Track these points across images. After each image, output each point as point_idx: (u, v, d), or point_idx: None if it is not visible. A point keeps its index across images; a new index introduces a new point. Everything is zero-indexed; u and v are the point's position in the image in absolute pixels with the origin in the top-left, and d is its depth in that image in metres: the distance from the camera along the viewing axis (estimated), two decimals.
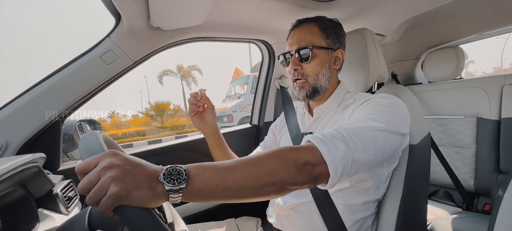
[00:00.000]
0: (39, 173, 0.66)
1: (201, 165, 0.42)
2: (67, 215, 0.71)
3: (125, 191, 0.35)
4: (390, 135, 0.60)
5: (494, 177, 1.37)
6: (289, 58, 0.80)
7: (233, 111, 6.95)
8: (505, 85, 1.38)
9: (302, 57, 0.77)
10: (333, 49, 0.80)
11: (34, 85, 0.84)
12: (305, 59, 0.77)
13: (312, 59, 0.77)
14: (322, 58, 0.78)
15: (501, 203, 0.43)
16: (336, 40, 0.80)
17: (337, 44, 0.81)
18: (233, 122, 6.81)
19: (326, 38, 0.79)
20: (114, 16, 0.84)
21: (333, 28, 0.81)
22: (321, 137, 0.52)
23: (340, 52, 0.82)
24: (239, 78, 8.76)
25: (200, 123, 0.90)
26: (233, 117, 6.84)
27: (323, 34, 0.78)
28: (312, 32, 0.78)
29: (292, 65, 0.79)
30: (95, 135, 0.48)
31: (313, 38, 0.77)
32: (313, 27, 0.79)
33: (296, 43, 0.78)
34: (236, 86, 8.46)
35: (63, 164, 0.96)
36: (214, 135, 0.93)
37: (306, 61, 0.77)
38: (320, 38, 0.78)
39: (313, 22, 0.80)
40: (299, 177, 0.47)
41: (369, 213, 0.74)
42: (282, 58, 0.83)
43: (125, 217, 0.36)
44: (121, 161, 0.37)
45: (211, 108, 0.91)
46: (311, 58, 0.77)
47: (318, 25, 0.79)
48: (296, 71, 0.79)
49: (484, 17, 1.39)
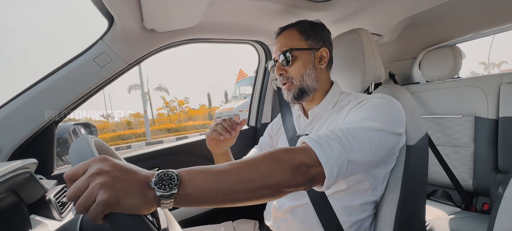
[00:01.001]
0: (31, 178, 0.65)
1: (193, 169, 0.42)
2: (60, 221, 0.69)
3: (115, 198, 0.34)
4: (385, 135, 0.60)
5: (493, 176, 1.36)
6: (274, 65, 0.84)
7: (240, 111, 7.39)
8: (503, 84, 1.38)
9: (284, 62, 0.80)
10: (316, 49, 0.81)
11: (26, 89, 0.83)
12: (287, 63, 0.80)
13: (293, 62, 0.79)
14: (304, 59, 0.80)
15: (501, 201, 0.43)
16: (317, 40, 0.82)
17: (319, 43, 0.82)
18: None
19: (305, 39, 0.81)
20: (106, 18, 0.83)
21: (313, 29, 0.82)
22: (316, 138, 0.52)
23: (324, 51, 0.82)
24: (244, 80, 9.18)
25: (215, 144, 0.87)
26: (240, 116, 7.15)
27: (302, 36, 0.81)
28: (292, 36, 0.81)
29: (277, 71, 0.82)
30: (86, 140, 0.47)
31: (293, 42, 0.80)
32: (292, 32, 0.82)
33: (279, 49, 0.82)
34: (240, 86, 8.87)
35: (57, 169, 0.95)
36: (225, 156, 0.92)
37: (288, 64, 0.80)
38: (300, 41, 0.80)
39: (292, 27, 0.83)
40: (294, 179, 0.46)
41: (367, 214, 0.74)
42: (271, 65, 0.86)
43: (115, 225, 0.35)
44: (110, 167, 0.36)
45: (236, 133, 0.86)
46: (293, 61, 0.79)
47: (297, 29, 0.82)
48: (281, 75, 0.82)
49: (480, 16, 1.39)
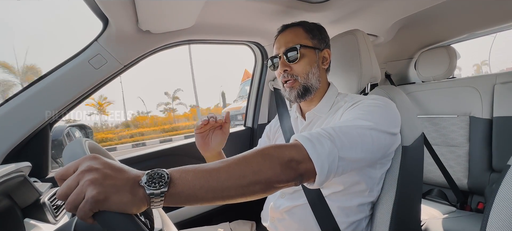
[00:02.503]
0: (25, 182, 0.64)
1: (184, 168, 0.42)
2: (55, 224, 0.69)
3: (104, 195, 0.34)
4: (378, 133, 0.60)
5: (487, 175, 1.38)
6: (277, 62, 0.81)
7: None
8: (497, 84, 1.39)
9: (291, 59, 0.78)
10: (320, 49, 0.82)
11: (20, 91, 0.82)
12: (293, 60, 0.78)
13: (301, 59, 0.78)
14: (310, 57, 0.79)
15: (494, 201, 0.43)
16: (321, 41, 0.82)
17: (323, 44, 0.83)
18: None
19: (312, 38, 0.80)
20: (101, 20, 0.82)
21: (318, 29, 0.83)
22: (307, 135, 0.52)
23: (327, 52, 0.83)
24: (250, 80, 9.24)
25: (203, 144, 0.80)
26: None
27: (309, 35, 0.80)
28: (298, 33, 0.80)
29: (282, 67, 0.80)
30: (79, 142, 0.46)
31: (300, 39, 0.79)
32: (298, 29, 0.81)
33: (284, 45, 0.79)
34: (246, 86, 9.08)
35: (52, 171, 0.94)
36: (217, 158, 0.84)
37: (295, 61, 0.78)
38: (306, 39, 0.80)
39: (298, 26, 0.82)
40: (284, 175, 0.46)
41: (364, 215, 0.74)
42: (270, 63, 0.84)
43: (104, 223, 0.34)
44: (101, 164, 0.36)
45: (224, 133, 0.81)
46: (300, 58, 0.78)
47: (303, 28, 0.81)
48: (285, 72, 0.80)
49: (475, 17, 1.40)
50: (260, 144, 1.03)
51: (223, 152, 0.87)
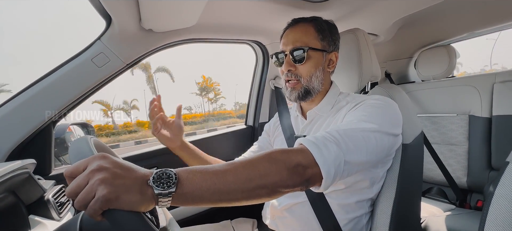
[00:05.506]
0: (29, 179, 0.65)
1: (191, 169, 0.42)
2: (59, 221, 0.70)
3: (114, 194, 0.35)
4: (382, 136, 0.61)
5: (486, 174, 1.39)
6: (282, 58, 0.78)
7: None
8: (496, 83, 1.40)
9: (296, 59, 0.76)
10: (328, 52, 0.79)
11: (23, 90, 0.82)
12: (299, 61, 0.75)
13: (306, 61, 0.75)
14: (316, 60, 0.77)
15: (492, 199, 0.44)
16: (331, 43, 0.79)
17: (332, 46, 0.80)
18: None
19: (321, 40, 0.77)
20: (104, 18, 0.83)
21: (329, 30, 0.79)
22: (313, 139, 0.52)
23: (334, 55, 0.81)
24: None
25: (165, 138, 0.86)
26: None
27: (319, 35, 0.77)
28: (308, 33, 0.76)
29: (286, 66, 0.77)
30: (85, 140, 0.47)
31: (309, 39, 0.76)
32: (309, 27, 0.77)
33: (291, 43, 0.76)
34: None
35: (55, 169, 0.94)
36: (184, 149, 0.88)
37: (300, 62, 0.75)
38: (316, 40, 0.76)
39: (309, 23, 0.78)
40: (291, 180, 0.47)
41: (364, 211, 0.75)
42: (275, 58, 0.81)
43: (114, 221, 0.35)
44: (110, 164, 0.37)
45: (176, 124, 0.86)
46: (306, 60, 0.75)
47: (314, 26, 0.77)
48: (289, 72, 0.78)
49: (475, 17, 1.41)
50: (261, 141, 1.03)
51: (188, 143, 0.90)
